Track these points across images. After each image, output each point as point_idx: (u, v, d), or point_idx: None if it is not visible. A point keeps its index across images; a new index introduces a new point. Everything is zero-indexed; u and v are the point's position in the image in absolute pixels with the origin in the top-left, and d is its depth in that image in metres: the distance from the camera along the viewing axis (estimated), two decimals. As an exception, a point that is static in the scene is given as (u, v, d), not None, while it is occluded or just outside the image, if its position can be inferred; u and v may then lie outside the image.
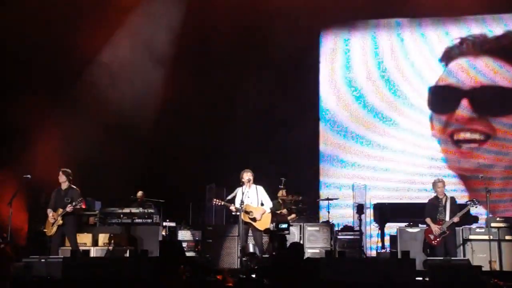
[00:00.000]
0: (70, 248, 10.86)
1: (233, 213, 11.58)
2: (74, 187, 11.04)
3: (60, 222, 10.77)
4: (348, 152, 14.92)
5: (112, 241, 11.68)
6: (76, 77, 13.92)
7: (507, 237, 11.30)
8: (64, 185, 11.00)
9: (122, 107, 13.89)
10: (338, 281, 8.93)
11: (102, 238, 11.80)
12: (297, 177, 13.88)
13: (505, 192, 13.85)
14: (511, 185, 14.01)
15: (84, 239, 11.59)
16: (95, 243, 11.72)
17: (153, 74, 14.63)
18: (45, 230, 11.08)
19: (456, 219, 10.82)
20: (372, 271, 9.28)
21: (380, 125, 14.82)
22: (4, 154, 13.33)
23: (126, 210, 12.21)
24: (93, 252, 11.43)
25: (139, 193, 13.37)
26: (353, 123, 14.98)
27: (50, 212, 10.86)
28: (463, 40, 14.36)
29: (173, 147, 14.67)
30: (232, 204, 11.26)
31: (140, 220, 12.08)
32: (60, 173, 11.06)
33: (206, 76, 14.85)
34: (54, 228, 10.82)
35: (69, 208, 10.68)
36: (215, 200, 11.59)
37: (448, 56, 14.46)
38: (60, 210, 10.76)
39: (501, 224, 11.49)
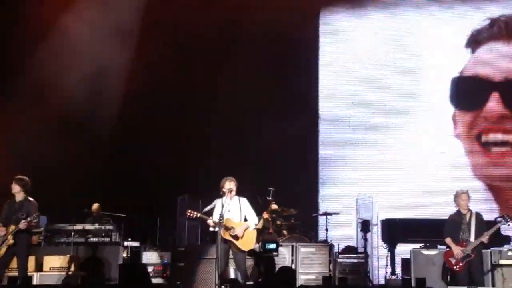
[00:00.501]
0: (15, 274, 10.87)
1: (210, 229, 11.40)
2: (31, 199, 10.96)
3: (11, 241, 10.67)
4: (353, 156, 15.08)
5: (69, 265, 11.74)
6: (20, 58, 13.83)
7: (545, 262, 10.97)
8: (19, 196, 10.93)
9: (77, 98, 13.87)
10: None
11: (48, 261, 11.84)
12: (289, 187, 14.03)
13: (544, 207, 14.03)
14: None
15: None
16: (39, 268, 11.76)
17: (117, 58, 14.57)
18: None
19: (484, 239, 10.78)
20: (380, 302, 9.59)
21: (391, 124, 15.00)
22: None
23: (79, 227, 12.20)
24: (37, 279, 11.47)
25: (95, 206, 13.45)
26: (359, 121, 15.17)
27: (0, 229, 10.80)
28: (493, 22, 14.56)
29: (138, 149, 14.70)
30: (210, 218, 11.09)
31: (95, 239, 12.13)
32: (13, 182, 10.99)
33: (182, 64, 14.77)
34: (3, 249, 10.69)
35: (22, 225, 10.58)
36: (189, 211, 11.41)
37: (475, 41, 14.65)
38: (12, 227, 10.67)
39: (537, 247, 11.13)
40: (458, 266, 10.81)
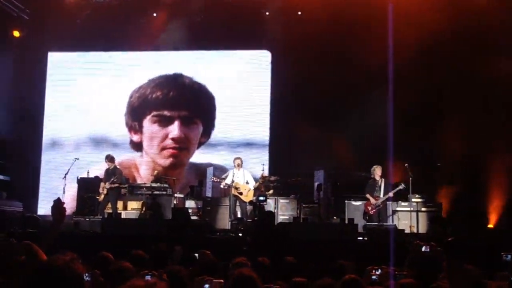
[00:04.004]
0: (110, 211, 11.30)
1: (223, 187, 11.77)
2: (118, 167, 11.50)
3: (105, 192, 11.21)
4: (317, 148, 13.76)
5: (142, 207, 11.97)
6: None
7: (423, 209, 11.47)
8: (111, 166, 11.42)
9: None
10: (302, 239, 9.23)
11: (130, 204, 12.08)
12: (282, 165, 13.66)
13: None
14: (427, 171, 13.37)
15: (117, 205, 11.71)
16: (125, 208, 12.01)
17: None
18: (97, 197, 11.45)
19: (390, 194, 11.05)
20: (326, 232, 9.85)
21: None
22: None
23: (148, 184, 12.38)
24: (124, 215, 11.73)
25: (155, 172, 13.36)
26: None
27: (102, 185, 11.32)
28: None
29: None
30: (225, 182, 11.51)
31: (157, 192, 12.17)
32: (105, 159, 11.48)
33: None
34: (102, 196, 11.26)
35: (107, 185, 11.18)
36: (214, 177, 11.84)
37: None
38: (107, 184, 11.21)
39: (419, 200, 11.60)
40: (372, 211, 11.06)
